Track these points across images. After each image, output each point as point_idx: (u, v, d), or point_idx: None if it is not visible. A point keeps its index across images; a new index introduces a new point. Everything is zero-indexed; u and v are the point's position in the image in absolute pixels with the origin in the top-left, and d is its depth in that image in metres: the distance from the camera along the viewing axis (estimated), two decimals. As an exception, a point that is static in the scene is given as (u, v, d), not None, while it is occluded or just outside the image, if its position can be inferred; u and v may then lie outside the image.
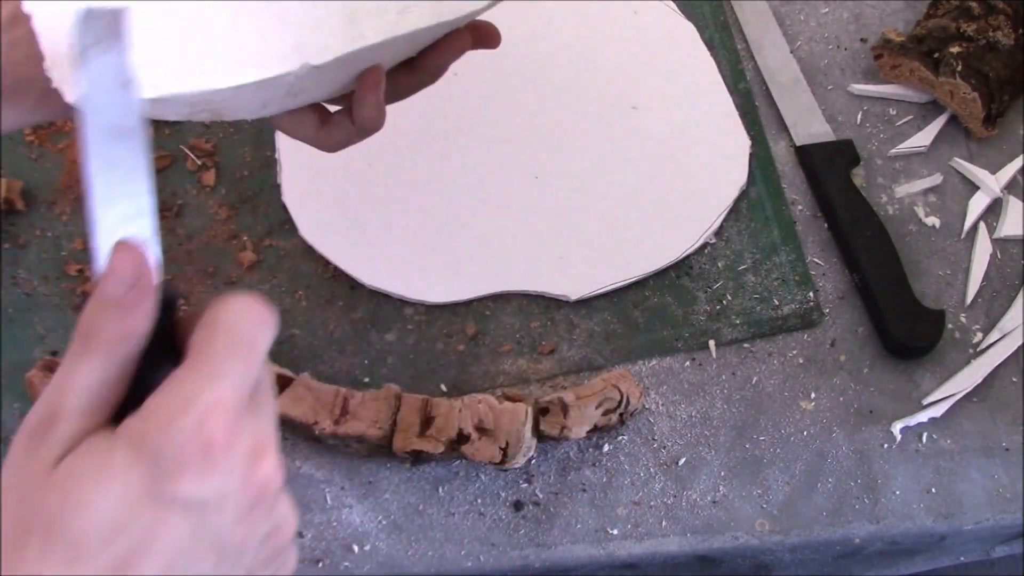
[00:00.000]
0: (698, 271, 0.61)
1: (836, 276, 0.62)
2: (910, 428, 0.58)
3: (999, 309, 0.62)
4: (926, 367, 0.60)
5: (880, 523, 0.55)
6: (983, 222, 0.64)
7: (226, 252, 0.61)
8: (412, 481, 0.55)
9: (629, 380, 0.56)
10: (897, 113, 0.68)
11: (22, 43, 0.40)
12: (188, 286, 0.60)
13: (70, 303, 0.60)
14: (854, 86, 0.68)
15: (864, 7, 0.72)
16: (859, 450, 0.57)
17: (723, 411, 0.58)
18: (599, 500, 0.55)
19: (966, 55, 0.64)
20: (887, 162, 0.66)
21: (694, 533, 0.55)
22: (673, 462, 0.56)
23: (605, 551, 0.54)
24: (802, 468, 0.56)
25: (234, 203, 0.63)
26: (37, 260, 0.61)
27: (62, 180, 0.63)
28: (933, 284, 0.62)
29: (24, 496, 0.27)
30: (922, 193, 0.65)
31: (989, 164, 0.66)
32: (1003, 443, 0.58)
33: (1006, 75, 0.64)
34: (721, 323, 0.60)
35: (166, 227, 0.62)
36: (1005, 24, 0.65)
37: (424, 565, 0.53)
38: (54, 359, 0.58)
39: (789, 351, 0.60)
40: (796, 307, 0.61)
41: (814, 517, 0.55)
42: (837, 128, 0.67)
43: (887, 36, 0.68)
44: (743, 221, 0.63)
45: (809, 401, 0.58)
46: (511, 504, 0.55)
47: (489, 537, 0.54)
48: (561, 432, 0.53)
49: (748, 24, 0.70)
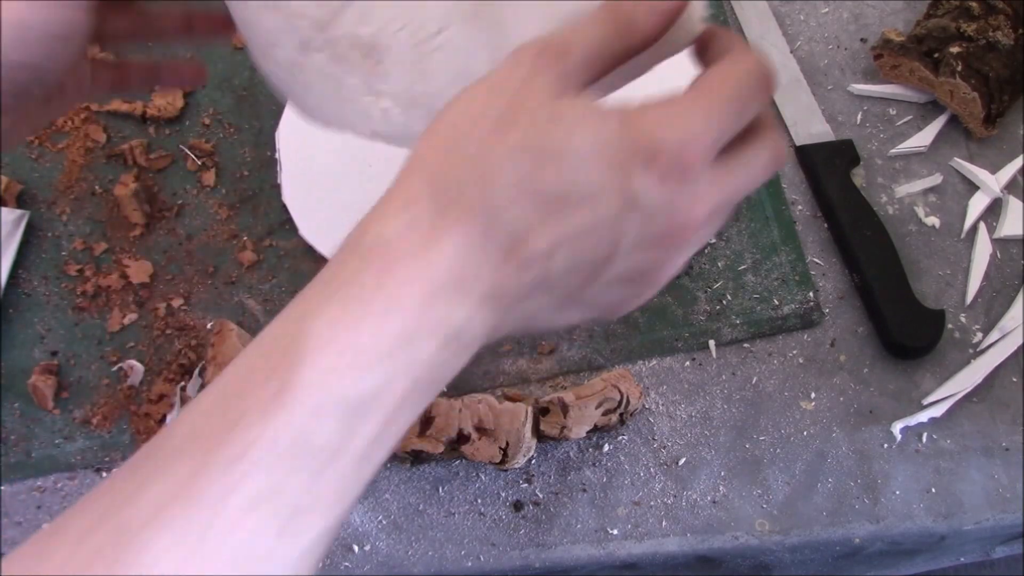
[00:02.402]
0: (698, 271, 0.61)
1: (836, 276, 0.62)
2: (910, 428, 0.58)
3: (999, 309, 0.62)
4: (926, 367, 0.60)
5: (880, 523, 0.55)
6: (983, 222, 0.64)
7: (226, 252, 0.61)
8: (412, 481, 0.55)
9: (629, 380, 0.56)
10: (897, 113, 0.68)
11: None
12: (188, 286, 0.60)
13: (70, 303, 0.60)
14: (854, 86, 0.68)
15: (864, 7, 0.72)
16: (859, 450, 0.57)
17: (723, 411, 0.58)
18: (599, 500, 0.55)
19: (966, 55, 0.64)
20: (887, 162, 0.66)
21: (694, 533, 0.55)
22: (673, 462, 0.56)
23: (605, 551, 0.54)
24: (802, 468, 0.56)
25: (234, 203, 0.63)
26: (37, 260, 0.61)
27: (62, 180, 0.63)
28: (933, 284, 0.62)
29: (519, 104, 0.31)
30: (922, 193, 0.65)
31: (989, 164, 0.66)
32: (1003, 443, 0.58)
33: (1006, 75, 0.64)
34: (721, 323, 0.60)
35: (166, 227, 0.62)
36: (1005, 24, 0.65)
37: (424, 565, 0.53)
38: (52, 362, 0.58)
39: (789, 351, 0.60)
40: (796, 307, 0.61)
41: (814, 517, 0.55)
42: (837, 128, 0.67)
43: (887, 36, 0.68)
44: (743, 221, 0.63)
45: (809, 401, 0.58)
46: (511, 504, 0.55)
47: (489, 537, 0.54)
48: (561, 432, 0.53)
49: (748, 24, 0.70)
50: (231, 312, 0.60)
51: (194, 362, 0.58)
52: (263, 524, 0.27)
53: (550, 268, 0.31)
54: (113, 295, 0.60)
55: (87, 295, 0.60)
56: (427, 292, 0.30)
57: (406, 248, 0.30)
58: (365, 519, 0.54)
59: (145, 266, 0.60)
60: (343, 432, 0.28)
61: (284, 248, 0.62)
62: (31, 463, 0.55)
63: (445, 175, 0.31)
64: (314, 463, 0.28)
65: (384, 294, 0.29)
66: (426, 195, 0.31)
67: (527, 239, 0.31)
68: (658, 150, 0.31)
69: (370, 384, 0.29)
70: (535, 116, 0.31)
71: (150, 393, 0.57)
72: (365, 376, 0.28)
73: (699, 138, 0.31)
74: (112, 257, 0.61)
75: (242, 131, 0.65)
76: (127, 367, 0.58)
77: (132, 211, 0.62)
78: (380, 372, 0.29)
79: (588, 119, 0.31)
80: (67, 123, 0.65)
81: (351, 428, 0.28)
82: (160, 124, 0.65)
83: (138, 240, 0.62)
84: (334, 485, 0.28)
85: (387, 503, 0.55)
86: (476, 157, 0.31)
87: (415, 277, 0.30)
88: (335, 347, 0.29)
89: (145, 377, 0.58)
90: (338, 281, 0.31)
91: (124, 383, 0.57)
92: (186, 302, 0.60)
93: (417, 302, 0.29)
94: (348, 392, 0.28)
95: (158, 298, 0.60)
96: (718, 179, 0.33)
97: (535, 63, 0.32)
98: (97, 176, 0.64)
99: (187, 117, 0.65)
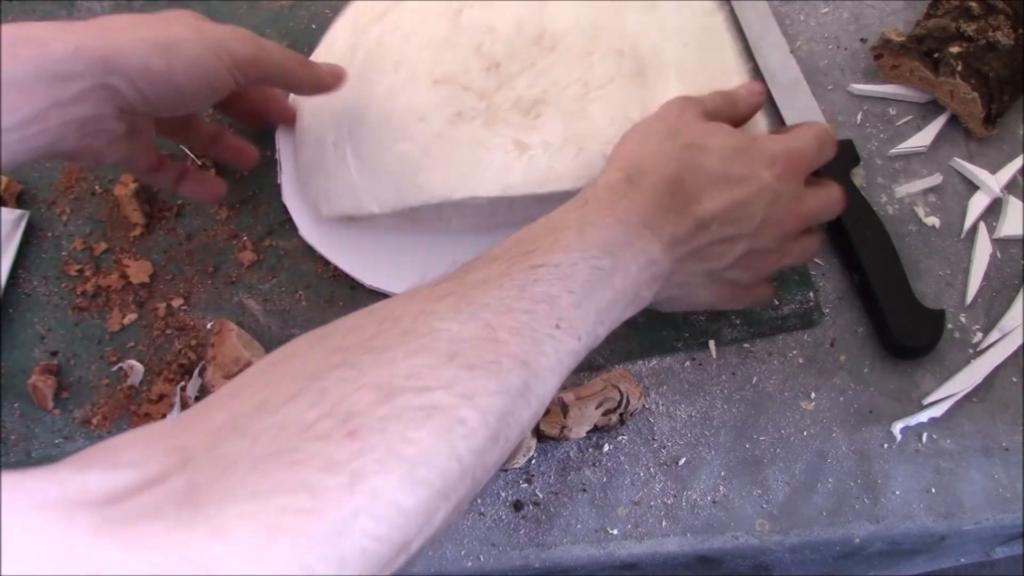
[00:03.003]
0: (698, 271, 0.61)
1: (836, 276, 0.62)
2: (910, 428, 0.58)
3: (999, 309, 0.62)
4: (926, 367, 0.60)
5: (880, 523, 0.55)
6: (983, 222, 0.64)
7: (226, 252, 0.61)
8: (412, 481, 0.55)
9: (629, 380, 0.56)
10: (897, 113, 0.68)
11: None
12: (188, 286, 0.60)
13: (70, 303, 0.60)
14: (854, 86, 0.68)
15: (864, 7, 0.72)
16: (859, 450, 0.57)
17: (723, 411, 0.58)
18: (599, 500, 0.55)
19: (966, 55, 0.64)
20: (887, 162, 0.66)
21: (694, 533, 0.55)
22: (673, 462, 0.56)
23: (605, 551, 0.54)
24: (802, 468, 0.56)
25: (234, 203, 0.63)
26: (37, 260, 0.61)
27: (62, 180, 0.63)
28: (933, 284, 0.62)
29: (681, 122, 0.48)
30: (922, 193, 0.65)
31: (989, 164, 0.66)
32: (1003, 443, 0.58)
33: (1006, 75, 0.64)
34: (721, 323, 0.60)
35: (166, 227, 0.62)
36: (1005, 24, 0.65)
37: (424, 565, 0.53)
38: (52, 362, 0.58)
39: (789, 351, 0.60)
40: (796, 307, 0.61)
41: (814, 517, 0.55)
42: (837, 128, 0.67)
43: (887, 36, 0.68)
44: (743, 221, 0.63)
45: (809, 401, 0.58)
46: (511, 504, 0.55)
47: (489, 537, 0.54)
48: (561, 432, 0.53)
49: (748, 24, 0.70)
50: (231, 312, 0.60)
51: (194, 362, 0.58)
52: (544, 316, 0.38)
53: (712, 232, 0.46)
54: (113, 295, 0.60)
55: (87, 295, 0.60)
56: (632, 224, 0.43)
57: (611, 200, 0.44)
58: (365, 519, 0.54)
59: (145, 266, 0.60)
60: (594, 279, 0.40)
61: (284, 248, 0.62)
62: (31, 463, 0.55)
63: (635, 162, 0.46)
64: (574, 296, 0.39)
65: (603, 221, 0.43)
66: (623, 175, 0.45)
67: (700, 199, 0.45)
68: (776, 157, 0.47)
69: (606, 264, 0.41)
70: (693, 127, 0.48)
71: (150, 393, 0.57)
72: (604, 258, 0.41)
73: (799, 153, 0.49)
74: (112, 257, 0.61)
75: (242, 131, 0.65)
76: (127, 367, 0.58)
77: (132, 211, 0.62)
78: (608, 260, 0.41)
79: (730, 132, 0.48)
80: (67, 123, 0.65)
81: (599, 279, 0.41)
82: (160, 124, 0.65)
83: (138, 240, 0.62)
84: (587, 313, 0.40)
85: (387, 503, 0.55)
86: (657, 151, 0.46)
87: (633, 210, 0.44)
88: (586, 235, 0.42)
89: (145, 377, 0.58)
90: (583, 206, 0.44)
91: (124, 383, 0.57)
92: (186, 302, 0.60)
93: (634, 228, 0.43)
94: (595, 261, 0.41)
95: (158, 298, 0.60)
96: (811, 191, 0.50)
97: (685, 104, 0.50)
98: (97, 176, 0.64)
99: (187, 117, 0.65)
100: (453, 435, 0.32)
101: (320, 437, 0.30)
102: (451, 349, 0.34)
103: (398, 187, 0.54)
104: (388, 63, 0.56)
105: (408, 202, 0.54)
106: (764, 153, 0.47)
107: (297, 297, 0.60)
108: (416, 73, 0.55)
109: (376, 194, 0.55)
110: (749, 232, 0.47)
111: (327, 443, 0.30)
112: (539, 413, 0.37)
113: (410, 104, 0.54)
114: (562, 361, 0.38)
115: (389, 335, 0.34)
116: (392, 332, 0.35)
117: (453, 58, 0.54)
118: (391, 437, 0.30)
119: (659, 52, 0.56)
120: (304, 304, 0.60)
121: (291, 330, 0.59)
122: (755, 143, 0.48)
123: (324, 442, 0.30)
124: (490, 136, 0.52)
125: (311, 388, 0.31)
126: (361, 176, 0.55)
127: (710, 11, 0.60)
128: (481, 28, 0.54)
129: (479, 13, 0.55)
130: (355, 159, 0.56)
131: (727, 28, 0.60)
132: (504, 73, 0.53)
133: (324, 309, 0.60)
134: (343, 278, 0.60)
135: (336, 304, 0.60)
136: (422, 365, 0.33)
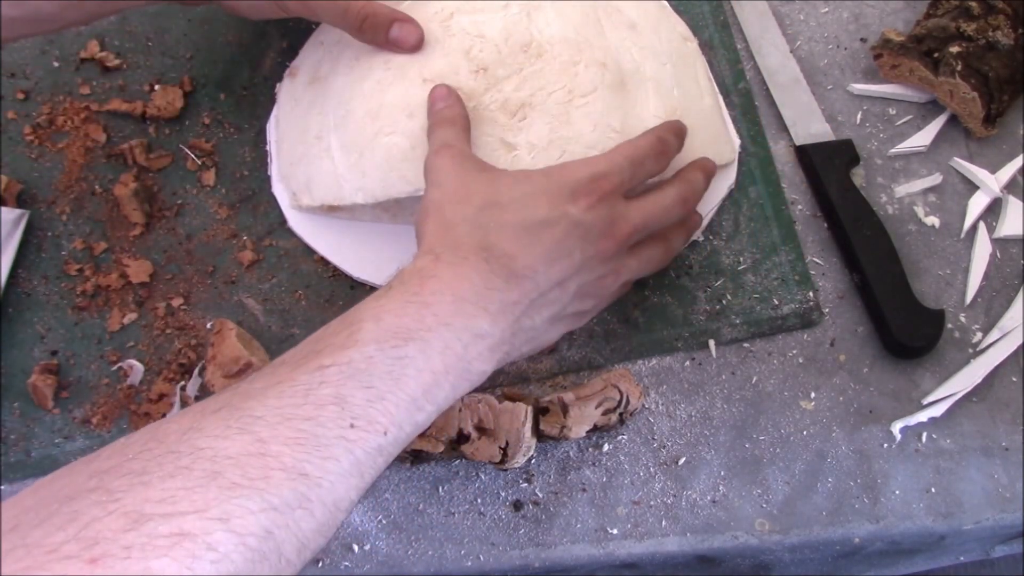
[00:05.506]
0: (698, 271, 0.61)
1: (836, 276, 0.62)
2: (910, 428, 0.58)
3: (999, 309, 0.62)
4: (926, 367, 0.60)
5: (880, 523, 0.55)
6: (983, 222, 0.64)
7: (226, 252, 0.61)
8: (412, 481, 0.55)
9: (629, 380, 0.56)
10: (897, 113, 0.68)
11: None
12: (188, 286, 0.60)
13: (70, 303, 0.60)
14: (854, 86, 0.68)
15: (864, 7, 0.72)
16: (859, 450, 0.57)
17: (723, 411, 0.58)
18: (599, 500, 0.55)
19: (966, 55, 0.64)
20: (887, 162, 0.66)
21: (694, 533, 0.55)
22: (673, 462, 0.56)
23: (605, 551, 0.54)
24: (802, 468, 0.57)
25: (234, 203, 0.63)
26: (37, 260, 0.61)
27: (62, 180, 0.63)
28: (933, 284, 0.62)
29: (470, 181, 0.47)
30: (922, 193, 0.65)
31: (989, 164, 0.66)
32: (1003, 443, 0.58)
33: (1006, 75, 0.64)
34: (721, 323, 0.60)
35: (166, 227, 0.62)
36: (1005, 24, 0.65)
37: (424, 565, 0.53)
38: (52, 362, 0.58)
39: (789, 351, 0.60)
40: (796, 307, 0.61)
41: (814, 517, 0.55)
42: (837, 128, 0.67)
43: (887, 36, 0.68)
44: (743, 221, 0.63)
45: (809, 401, 0.58)
46: (511, 504, 0.55)
47: (489, 537, 0.54)
48: (561, 432, 0.53)
49: (748, 24, 0.70)
50: (231, 312, 0.60)
51: (194, 362, 0.58)
52: (333, 418, 0.36)
53: (539, 283, 0.45)
54: (113, 295, 0.60)
55: (87, 295, 0.60)
56: (445, 304, 0.41)
57: (418, 283, 0.42)
58: (365, 519, 0.54)
59: (145, 266, 0.60)
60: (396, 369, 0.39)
61: (284, 248, 0.62)
62: (31, 463, 0.55)
63: (441, 239, 0.45)
64: (372, 391, 0.38)
65: (421, 298, 0.41)
66: (431, 256, 0.44)
67: (515, 256, 0.44)
68: (578, 189, 0.46)
69: (412, 351, 0.39)
70: (478, 185, 0.47)
71: (150, 393, 0.57)
72: (407, 345, 0.40)
73: (604, 177, 0.47)
74: (112, 257, 0.61)
75: (242, 131, 0.65)
76: (127, 367, 0.58)
77: (132, 211, 0.62)
78: (415, 346, 0.40)
79: (516, 178, 0.47)
80: (67, 123, 0.65)
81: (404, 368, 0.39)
82: (160, 124, 0.65)
83: (138, 240, 0.62)
84: (395, 404, 0.38)
85: (387, 503, 0.55)
86: (459, 221, 0.45)
87: (444, 289, 0.42)
88: (385, 323, 0.40)
89: (145, 377, 0.58)
90: (385, 294, 0.42)
91: (124, 383, 0.57)
92: (186, 302, 0.60)
93: (447, 307, 0.41)
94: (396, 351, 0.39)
95: (158, 298, 0.60)
96: (634, 205, 0.49)
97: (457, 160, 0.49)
98: (97, 176, 0.64)
99: (187, 117, 0.65)
100: (199, 563, 0.31)
101: (64, 559, 0.29)
102: (213, 468, 0.33)
103: (384, 179, 0.55)
104: (378, 59, 0.57)
105: (393, 193, 0.55)
106: (564, 189, 0.46)
107: (297, 297, 0.60)
108: (406, 71, 0.55)
109: (360, 185, 0.56)
110: (573, 270, 0.46)
111: (68, 567, 0.29)
112: (336, 519, 0.36)
113: (399, 99, 0.55)
114: (363, 460, 0.37)
115: (149, 456, 0.33)
116: (153, 453, 0.34)
117: (443, 59, 0.55)
118: (132, 565, 0.30)
119: (639, 68, 0.58)
120: (304, 304, 0.60)
121: (291, 330, 0.59)
122: (550, 179, 0.46)
123: (65, 565, 0.29)
124: (477, 135, 0.54)
125: (63, 511, 0.31)
126: (346, 167, 0.56)
127: (685, 38, 0.63)
128: (471, 34, 0.56)
129: (469, 20, 0.56)
130: (340, 151, 0.56)
131: (699, 54, 0.64)
132: (492, 76, 0.55)
133: (324, 309, 0.60)
134: (343, 278, 0.60)
135: (336, 304, 0.60)
136: (177, 488, 0.32)
